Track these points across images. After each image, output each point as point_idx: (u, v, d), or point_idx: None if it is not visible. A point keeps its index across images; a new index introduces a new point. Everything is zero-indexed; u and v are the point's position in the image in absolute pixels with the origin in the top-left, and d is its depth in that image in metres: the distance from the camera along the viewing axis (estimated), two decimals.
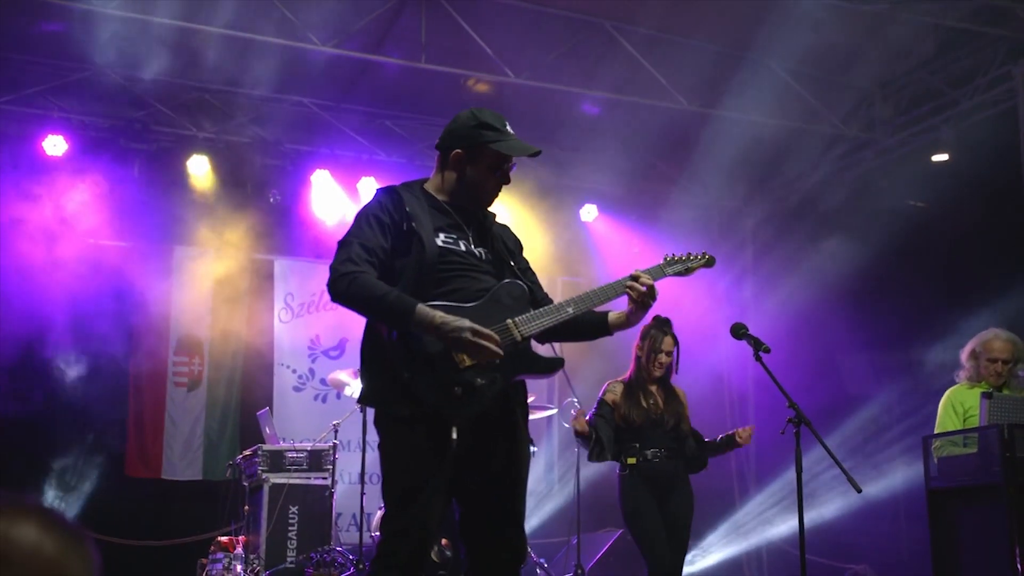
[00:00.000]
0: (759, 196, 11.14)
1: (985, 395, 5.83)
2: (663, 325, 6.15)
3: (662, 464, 5.99)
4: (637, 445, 6.00)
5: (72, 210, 9.15)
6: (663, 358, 6.08)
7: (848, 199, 9.93)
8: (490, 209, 3.78)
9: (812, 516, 8.24)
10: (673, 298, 6.19)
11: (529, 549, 8.04)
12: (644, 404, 6.02)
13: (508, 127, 3.65)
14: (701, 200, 11.17)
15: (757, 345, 5.79)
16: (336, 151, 10.09)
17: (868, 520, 8.77)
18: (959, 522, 5.85)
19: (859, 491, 5.19)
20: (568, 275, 10.64)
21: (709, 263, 4.10)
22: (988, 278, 8.52)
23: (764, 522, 9.78)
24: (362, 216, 3.55)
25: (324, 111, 9.64)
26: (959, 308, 8.57)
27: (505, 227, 3.87)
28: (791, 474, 5.46)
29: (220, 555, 7.69)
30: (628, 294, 3.61)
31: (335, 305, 3.48)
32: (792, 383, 5.71)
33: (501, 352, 3.32)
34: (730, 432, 6.15)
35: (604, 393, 6.19)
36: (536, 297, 3.69)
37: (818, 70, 8.98)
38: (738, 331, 5.75)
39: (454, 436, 3.32)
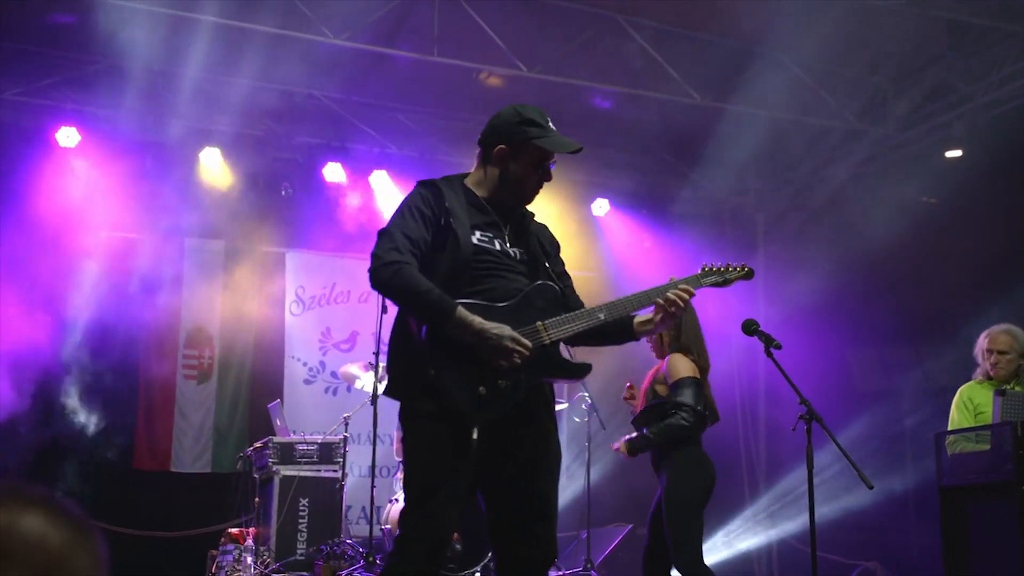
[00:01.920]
0: (771, 191, 11.11)
1: (998, 392, 5.81)
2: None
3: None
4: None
5: (84, 202, 9.16)
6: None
7: (861, 195, 9.89)
8: (529, 207, 3.78)
9: (823, 512, 8.20)
10: None
11: None
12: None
13: (550, 123, 3.65)
14: (713, 195, 11.14)
15: (768, 341, 5.77)
16: (348, 144, 10.08)
17: (879, 517, 8.74)
18: (971, 519, 5.82)
19: (870, 487, 5.16)
20: (579, 270, 10.59)
21: (748, 275, 4.06)
22: (1001, 274, 8.47)
23: (774, 518, 9.76)
24: (405, 207, 3.57)
25: (336, 104, 9.63)
26: (972, 304, 8.53)
27: (543, 227, 3.86)
28: (802, 470, 5.45)
29: (230, 547, 7.71)
30: (659, 303, 3.61)
31: (346, 298, 3.51)
32: (803, 379, 5.69)
33: (527, 354, 3.34)
34: None
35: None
36: (568, 300, 3.69)
37: (831, 65, 8.94)
38: (749, 327, 5.72)
39: (475, 436, 3.33)
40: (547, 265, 3.67)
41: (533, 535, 3.49)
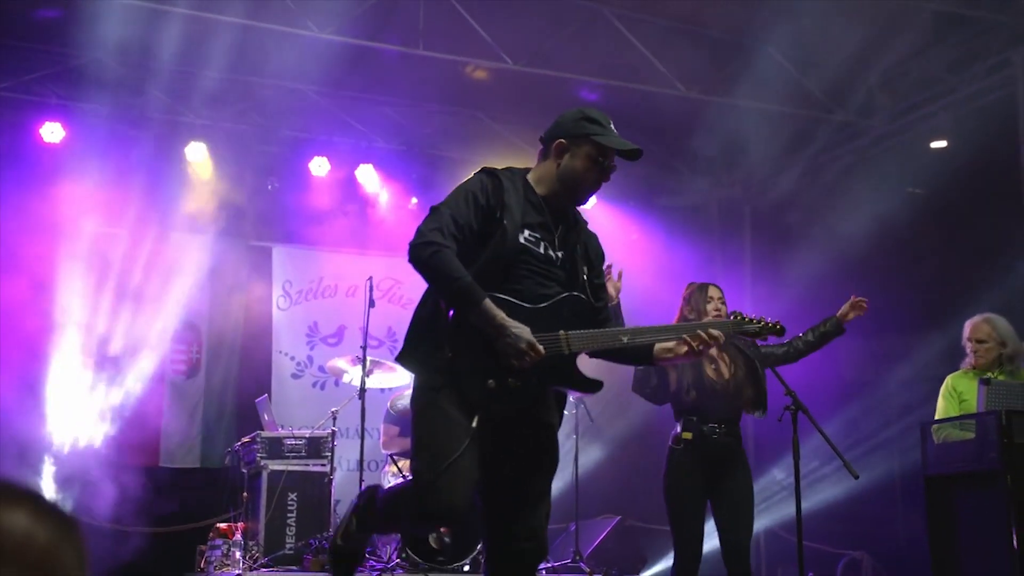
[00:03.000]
0: (757, 183, 11.13)
1: (983, 381, 5.84)
2: (702, 285, 5.80)
3: (720, 440, 5.56)
4: (695, 418, 5.55)
5: (69, 197, 9.13)
6: (716, 304, 5.68)
7: (847, 186, 9.92)
8: (583, 215, 3.86)
9: (809, 503, 8.24)
10: (670, 287, 6.16)
11: None
12: (708, 372, 5.59)
13: (612, 126, 3.72)
14: (699, 187, 11.16)
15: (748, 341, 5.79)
16: (334, 138, 10.07)
17: (865, 506, 8.78)
18: (956, 508, 5.85)
19: (856, 477, 5.20)
20: None
21: (780, 332, 4.09)
22: (985, 264, 8.51)
23: (761, 508, 9.79)
24: (462, 190, 3.60)
25: (322, 98, 9.61)
26: (956, 294, 8.57)
27: (593, 235, 3.92)
28: (788, 461, 5.47)
29: (219, 542, 7.71)
30: (687, 339, 3.65)
31: (333, 292, 3.56)
32: (789, 370, 5.72)
33: (538, 360, 3.39)
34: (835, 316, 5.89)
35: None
36: (600, 317, 3.74)
37: (817, 56, 8.96)
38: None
39: (474, 424, 3.38)
40: (586, 277, 3.71)
41: (527, 531, 3.54)
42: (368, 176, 10.14)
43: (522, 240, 3.55)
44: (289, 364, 10.14)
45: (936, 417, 6.11)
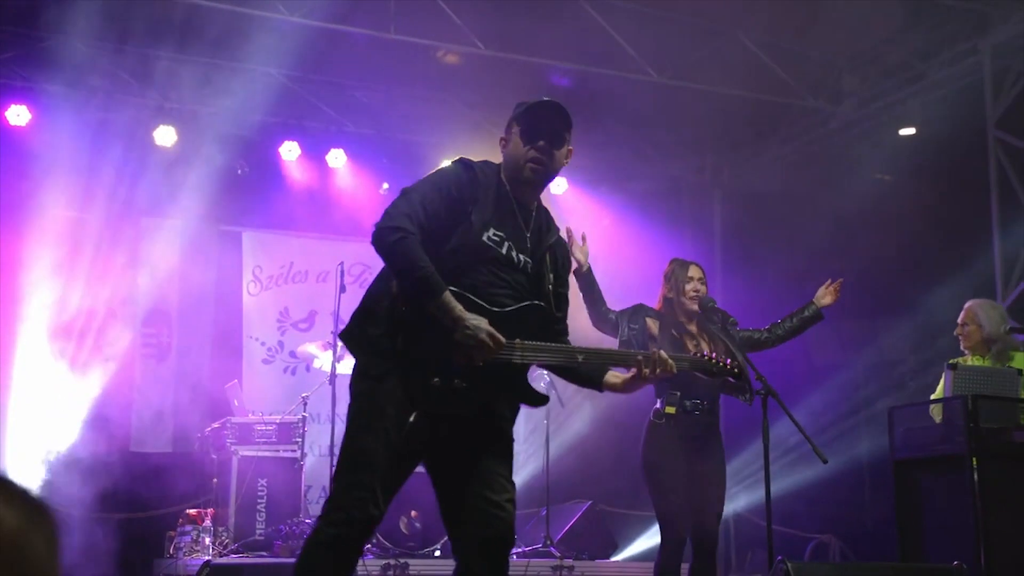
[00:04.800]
0: (727, 168, 11.18)
1: (950, 366, 5.92)
2: (682, 262, 5.86)
3: (701, 417, 5.65)
4: (678, 393, 5.59)
5: (36, 181, 9.03)
6: (696, 285, 5.74)
7: (816, 171, 9.98)
8: (556, 224, 3.75)
9: (778, 487, 8.30)
10: (642, 272, 6.18)
11: None
12: (689, 348, 5.59)
13: (545, 98, 3.63)
14: (670, 172, 11.20)
15: (724, 318, 5.83)
16: (304, 122, 10.02)
17: (834, 491, 8.85)
18: (924, 492, 5.93)
19: (825, 462, 5.23)
20: None
21: (736, 376, 3.98)
22: (954, 250, 8.60)
23: (731, 493, 9.86)
24: (436, 178, 3.54)
25: (292, 82, 9.55)
26: (923, 280, 8.66)
27: (563, 243, 3.82)
28: (758, 446, 5.50)
29: (188, 528, 7.68)
30: (638, 364, 3.56)
31: (304, 278, 3.50)
32: (760, 354, 5.75)
33: (497, 351, 3.31)
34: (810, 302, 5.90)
35: (642, 310, 5.76)
36: (557, 328, 3.67)
37: (787, 43, 8.99)
38: (706, 305, 5.78)
39: (411, 420, 3.31)
40: (550, 287, 3.63)
41: (493, 504, 3.46)
42: (339, 161, 10.09)
43: (485, 239, 3.46)
44: (260, 349, 10.09)
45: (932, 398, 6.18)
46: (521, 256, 3.56)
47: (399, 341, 3.32)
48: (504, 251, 3.50)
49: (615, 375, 3.63)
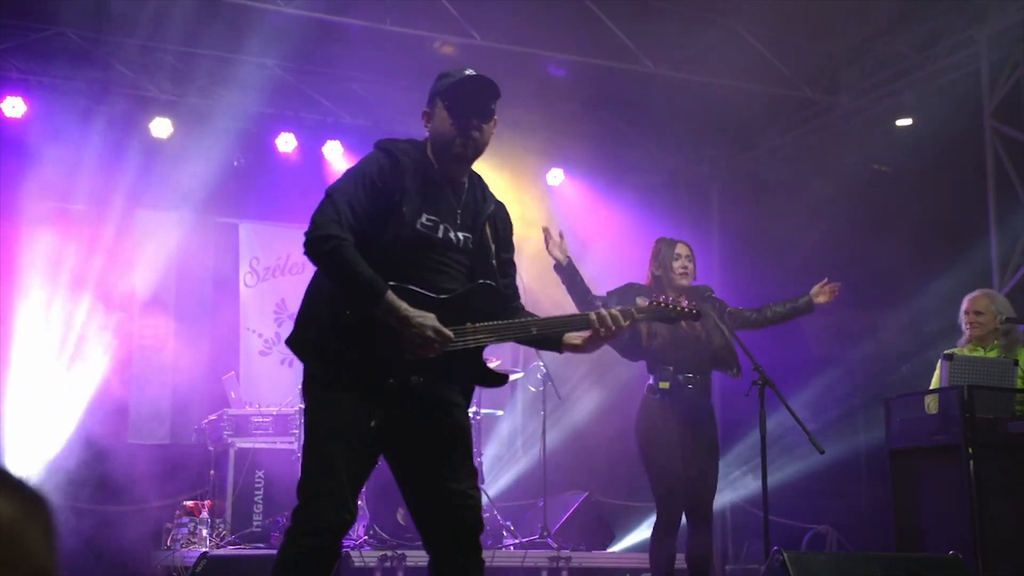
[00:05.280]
0: (725, 160, 11.17)
1: (945, 356, 5.93)
2: (670, 240, 5.90)
3: (695, 391, 5.72)
4: (671, 368, 5.66)
5: (32, 173, 9.01)
6: (684, 262, 5.79)
7: (813, 163, 9.97)
8: (490, 188, 3.69)
9: (776, 477, 8.32)
10: (639, 265, 6.17)
11: (496, 512, 8.11)
12: (684, 326, 5.58)
13: (468, 71, 3.53)
14: (668, 164, 11.19)
15: (722, 308, 5.84)
16: (301, 114, 10.00)
17: (831, 481, 8.87)
18: (920, 482, 5.94)
19: (822, 452, 5.25)
20: (534, 240, 10.58)
21: (694, 317, 3.95)
22: (951, 241, 8.60)
23: (728, 484, 9.87)
24: (356, 173, 3.44)
25: (288, 73, 9.53)
26: (921, 271, 8.66)
27: (501, 207, 3.73)
28: (755, 436, 5.52)
29: (186, 520, 7.69)
30: (593, 325, 3.50)
31: (301, 269, 3.46)
32: (757, 345, 5.76)
33: (447, 345, 3.27)
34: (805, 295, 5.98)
35: (632, 288, 5.77)
36: (509, 302, 3.61)
37: (784, 34, 8.98)
38: (703, 294, 5.79)
39: (372, 424, 3.28)
40: (493, 259, 3.56)
41: (458, 495, 3.42)
42: (335, 152, 10.07)
43: (419, 226, 3.38)
44: (257, 341, 10.09)
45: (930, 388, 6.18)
46: (460, 235, 3.49)
47: (347, 346, 3.28)
48: (441, 234, 3.44)
49: (573, 336, 3.58)
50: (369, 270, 3.23)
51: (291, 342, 3.43)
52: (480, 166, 3.70)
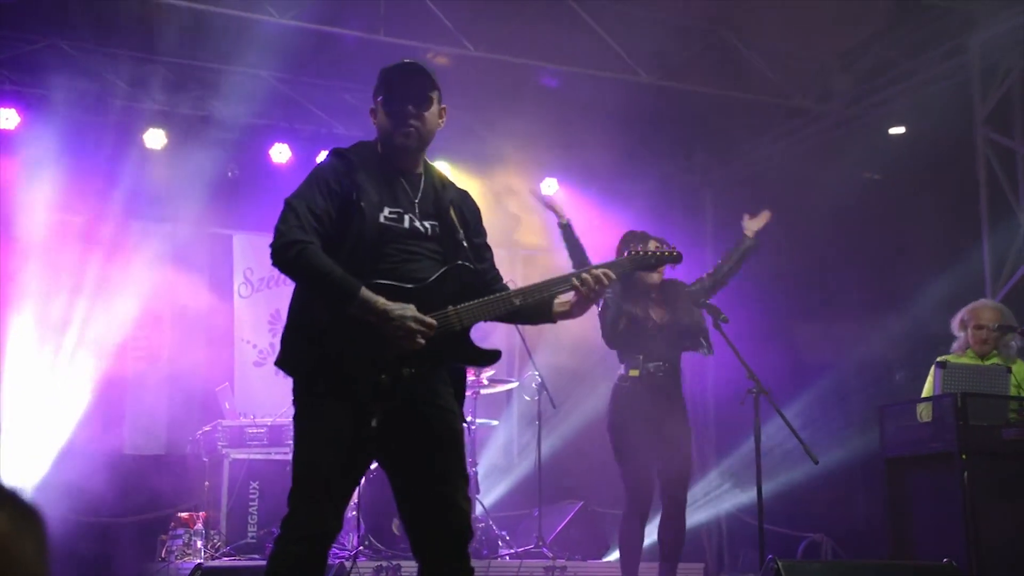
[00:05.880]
0: (717, 168, 11.18)
1: (939, 364, 5.94)
2: (642, 234, 6.03)
3: (664, 379, 5.91)
4: (640, 357, 5.90)
5: (26, 185, 9.01)
6: None
7: (805, 171, 9.98)
8: (450, 178, 3.71)
9: (770, 486, 8.31)
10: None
11: (491, 522, 8.10)
12: (653, 316, 5.89)
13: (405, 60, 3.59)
14: (660, 172, 11.21)
15: (716, 315, 5.86)
16: (295, 125, 10.01)
17: (825, 490, 8.86)
18: (914, 490, 5.95)
19: (816, 462, 5.26)
20: (528, 249, 10.62)
21: (675, 259, 4.02)
22: (944, 249, 8.61)
23: (723, 492, 9.87)
24: (313, 178, 3.49)
25: (282, 84, 9.54)
26: (913, 278, 8.67)
27: (465, 194, 3.74)
28: (750, 444, 5.52)
29: (180, 531, 7.67)
30: (576, 287, 3.53)
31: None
32: (751, 353, 5.77)
33: (431, 335, 3.27)
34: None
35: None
36: (487, 279, 3.62)
37: (775, 42, 9.01)
38: (697, 301, 5.82)
39: (373, 424, 3.27)
40: (464, 242, 3.56)
41: (445, 514, 3.40)
42: None
43: (383, 220, 3.41)
44: (251, 352, 10.08)
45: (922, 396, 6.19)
46: (425, 223, 3.51)
47: (332, 351, 3.28)
48: (406, 225, 3.46)
49: (562, 302, 3.61)
50: (339, 269, 3.25)
51: (279, 363, 3.45)
52: (472, 175, 3.72)
